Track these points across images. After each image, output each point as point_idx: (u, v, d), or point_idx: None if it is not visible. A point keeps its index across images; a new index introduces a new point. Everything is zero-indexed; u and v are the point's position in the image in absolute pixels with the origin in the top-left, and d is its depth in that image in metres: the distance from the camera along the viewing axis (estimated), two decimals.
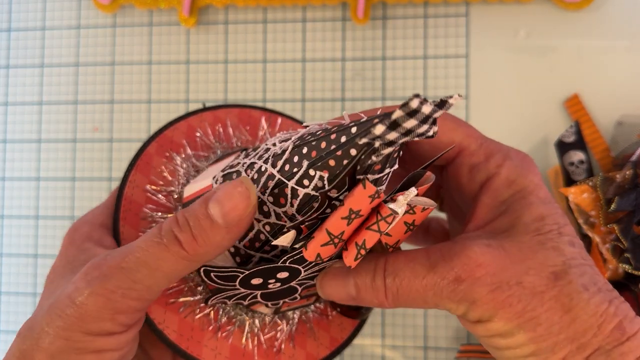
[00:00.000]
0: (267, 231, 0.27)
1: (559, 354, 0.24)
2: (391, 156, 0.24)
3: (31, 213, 0.61)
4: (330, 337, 0.35)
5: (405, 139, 0.21)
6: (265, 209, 0.27)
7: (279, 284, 0.29)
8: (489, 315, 0.25)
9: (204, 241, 0.25)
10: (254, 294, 0.30)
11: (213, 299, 0.30)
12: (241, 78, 0.59)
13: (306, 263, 0.27)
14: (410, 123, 0.20)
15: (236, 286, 0.29)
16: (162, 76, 0.60)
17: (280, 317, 0.34)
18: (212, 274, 0.28)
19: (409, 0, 0.55)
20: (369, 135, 0.21)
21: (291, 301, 0.32)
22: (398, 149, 0.24)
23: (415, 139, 0.22)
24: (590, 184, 0.47)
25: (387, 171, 0.24)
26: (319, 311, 0.35)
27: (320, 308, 0.35)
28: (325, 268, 0.29)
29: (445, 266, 0.25)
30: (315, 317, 0.35)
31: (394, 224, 0.24)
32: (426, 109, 0.20)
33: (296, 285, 0.30)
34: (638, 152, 0.46)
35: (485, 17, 0.56)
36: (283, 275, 0.28)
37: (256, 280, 0.28)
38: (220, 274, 0.28)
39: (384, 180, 0.25)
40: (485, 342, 0.26)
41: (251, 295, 0.30)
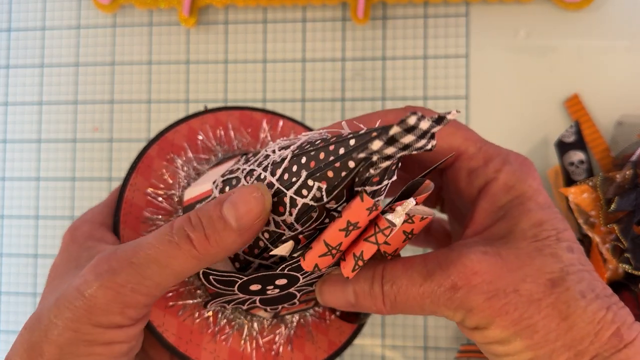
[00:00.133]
0: (266, 238, 0.27)
1: None
2: (389, 169, 0.24)
3: (31, 213, 0.61)
4: (328, 341, 0.35)
5: (403, 153, 0.21)
6: None
7: (277, 290, 0.29)
8: (486, 323, 0.25)
9: (215, 242, 0.25)
10: (253, 299, 0.30)
11: (212, 303, 0.31)
12: (241, 78, 0.59)
13: (304, 271, 0.27)
14: (407, 138, 0.20)
15: (235, 291, 0.29)
16: (162, 76, 0.60)
17: (279, 321, 0.34)
18: (212, 277, 0.28)
19: (409, 0, 0.55)
20: (366, 150, 0.21)
21: (290, 306, 0.32)
22: (396, 161, 0.24)
23: (414, 153, 0.22)
24: (590, 184, 0.47)
25: (385, 183, 0.24)
26: (318, 315, 0.35)
27: (318, 312, 0.35)
28: (324, 275, 0.29)
29: (442, 274, 0.25)
30: (314, 321, 0.35)
31: (391, 235, 0.24)
32: (424, 125, 0.20)
33: (295, 292, 0.30)
34: (638, 152, 0.46)
35: (485, 17, 0.56)
36: (282, 282, 0.28)
37: (255, 286, 0.28)
38: (220, 277, 0.28)
39: (382, 191, 0.25)
40: (484, 349, 0.27)
41: (250, 300, 0.30)
